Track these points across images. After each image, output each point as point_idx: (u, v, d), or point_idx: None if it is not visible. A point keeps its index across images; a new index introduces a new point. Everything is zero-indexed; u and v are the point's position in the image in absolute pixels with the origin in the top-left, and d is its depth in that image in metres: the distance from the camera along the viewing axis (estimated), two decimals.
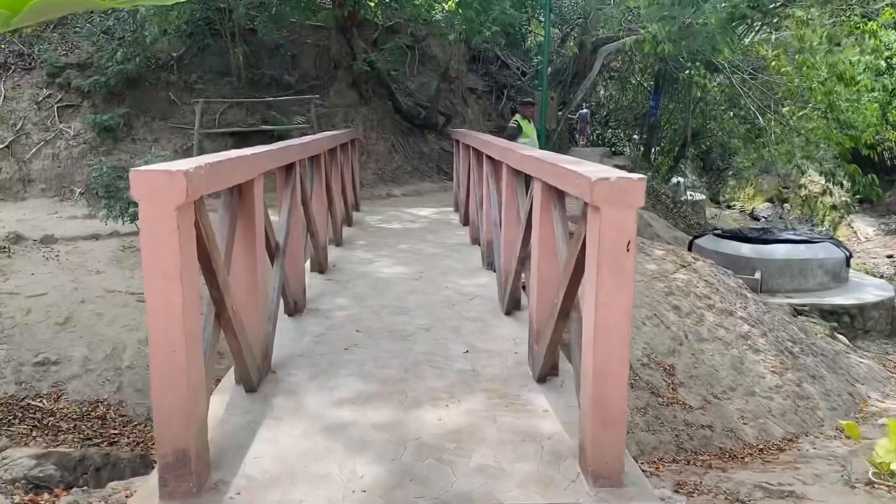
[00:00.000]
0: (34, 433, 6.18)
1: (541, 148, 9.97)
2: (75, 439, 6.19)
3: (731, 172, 31.21)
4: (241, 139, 12.94)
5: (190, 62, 13.29)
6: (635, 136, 29.40)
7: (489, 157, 5.99)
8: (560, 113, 20.39)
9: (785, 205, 33.11)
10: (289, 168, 4.64)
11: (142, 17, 11.30)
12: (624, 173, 2.54)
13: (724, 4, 11.41)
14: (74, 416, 6.45)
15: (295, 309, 4.84)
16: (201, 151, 12.39)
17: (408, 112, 16.06)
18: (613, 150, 26.16)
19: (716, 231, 16.24)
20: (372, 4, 13.15)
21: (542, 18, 25.49)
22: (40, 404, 6.50)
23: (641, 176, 2.50)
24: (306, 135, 14.01)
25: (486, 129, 19.77)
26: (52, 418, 6.41)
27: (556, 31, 27.18)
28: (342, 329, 4.59)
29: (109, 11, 12.41)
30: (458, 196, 9.90)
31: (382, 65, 14.99)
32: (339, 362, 3.98)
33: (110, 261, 8.33)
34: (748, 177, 31.43)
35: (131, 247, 8.63)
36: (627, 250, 2.51)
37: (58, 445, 6.06)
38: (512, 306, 4.90)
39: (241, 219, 3.46)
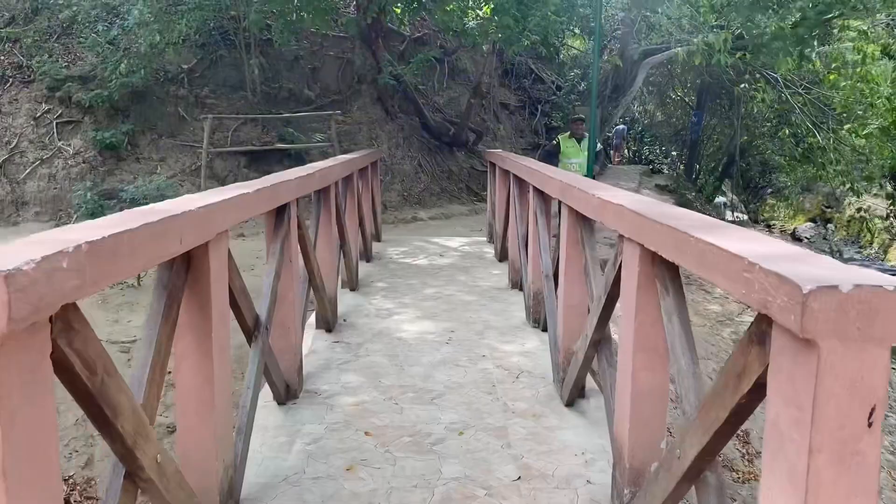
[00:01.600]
0: None
1: (587, 174, 8.75)
2: None
3: (770, 191, 29.75)
4: (255, 158, 11.91)
5: (202, 75, 12.31)
6: (672, 153, 27.99)
7: (539, 191, 4.79)
8: (599, 130, 19.06)
9: (829, 225, 31.60)
10: (280, 211, 3.48)
11: (138, 23, 10.28)
12: (862, 274, 1.32)
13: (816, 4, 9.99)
14: None
15: (287, 394, 3.67)
16: (211, 171, 11.37)
17: (436, 129, 14.93)
18: (652, 167, 24.81)
19: None
20: (398, 11, 12.04)
21: (577, 30, 24.34)
22: None
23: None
24: (326, 154, 12.96)
25: (518, 147, 18.59)
26: None
27: (593, 42, 25.95)
28: (346, 429, 3.40)
29: (115, 20, 11.49)
30: (492, 226, 8.71)
31: (409, 78, 13.90)
32: (336, 496, 2.78)
33: (93, 300, 7.25)
34: (789, 195, 30.09)
35: (120, 283, 7.55)
36: (870, 425, 1.29)
37: None
38: (575, 395, 3.68)
39: (188, 301, 2.29)
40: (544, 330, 4.95)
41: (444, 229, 11.69)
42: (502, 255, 7.59)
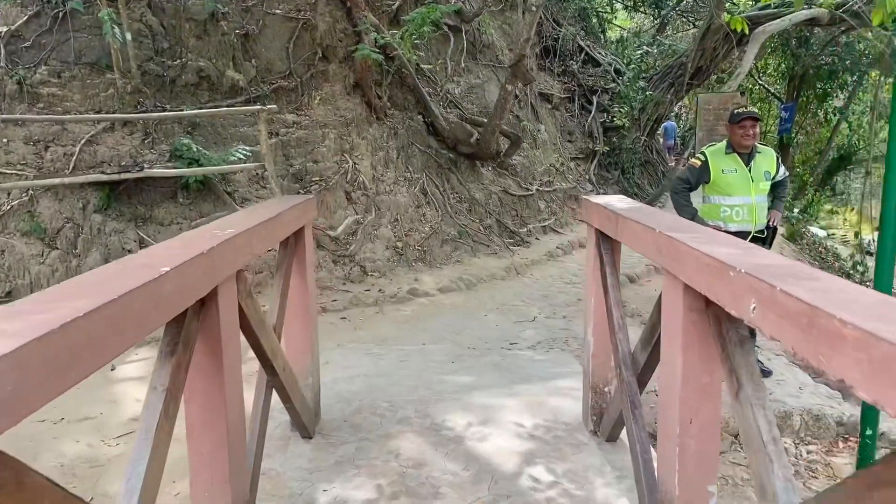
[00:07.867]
0: None
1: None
2: None
3: (827, 194, 24.42)
4: (123, 194, 6.57)
5: (34, 44, 6.98)
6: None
7: None
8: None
9: None
10: None
11: None
12: None
13: None
14: None
15: None
16: (31, 220, 6.05)
17: (450, 132, 9.54)
18: None
19: None
20: None
21: (627, 2, 18.83)
22: None
23: None
24: (262, 178, 7.64)
25: (566, 156, 13.16)
26: None
27: (641, 15, 20.44)
28: None
29: None
30: (603, 404, 3.30)
31: (406, 53, 8.54)
32: None
33: None
34: (852, 201, 25.22)
35: None
36: None
37: None
38: None
39: None
40: None
41: (465, 325, 6.27)
42: None
